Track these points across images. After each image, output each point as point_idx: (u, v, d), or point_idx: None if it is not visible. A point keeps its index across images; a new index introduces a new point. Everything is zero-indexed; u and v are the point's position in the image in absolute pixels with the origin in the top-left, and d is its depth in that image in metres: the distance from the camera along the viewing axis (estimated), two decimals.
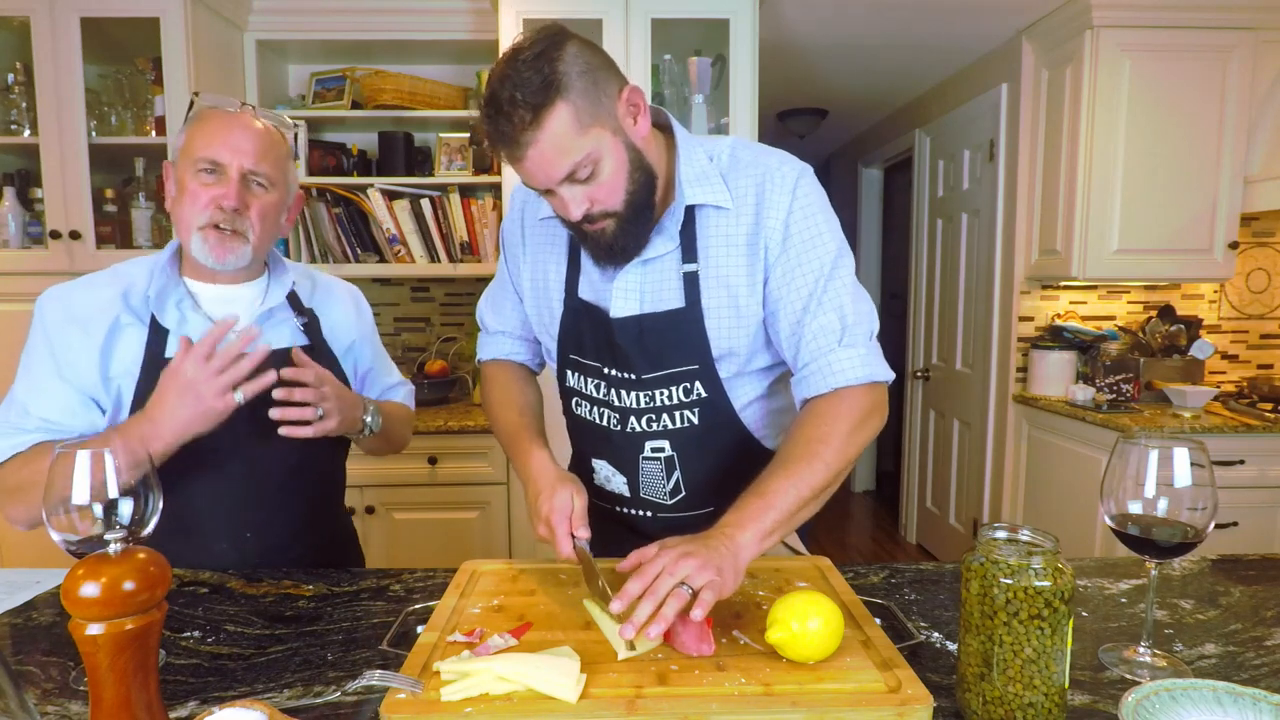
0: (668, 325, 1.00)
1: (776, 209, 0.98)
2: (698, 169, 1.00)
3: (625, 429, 1.05)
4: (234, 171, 1.07)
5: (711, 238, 1.00)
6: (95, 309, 1.07)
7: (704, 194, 0.98)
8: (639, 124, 0.93)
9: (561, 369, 1.11)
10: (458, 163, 2.65)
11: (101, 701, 0.58)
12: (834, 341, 0.97)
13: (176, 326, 1.09)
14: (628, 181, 0.92)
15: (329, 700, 0.74)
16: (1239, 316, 3.03)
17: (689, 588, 0.76)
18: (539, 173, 0.89)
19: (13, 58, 2.34)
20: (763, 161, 1.00)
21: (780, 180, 0.98)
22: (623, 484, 1.10)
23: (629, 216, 0.94)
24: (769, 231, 0.98)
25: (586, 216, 0.92)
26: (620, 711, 0.67)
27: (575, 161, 0.87)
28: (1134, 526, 0.79)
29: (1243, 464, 2.36)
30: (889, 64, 3.31)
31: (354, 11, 2.53)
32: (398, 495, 2.39)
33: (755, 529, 0.85)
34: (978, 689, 0.68)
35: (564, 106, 0.85)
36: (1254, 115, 2.59)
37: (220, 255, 1.08)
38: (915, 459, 3.95)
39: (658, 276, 1.01)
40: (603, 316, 1.02)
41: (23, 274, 2.27)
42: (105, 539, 0.60)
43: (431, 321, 2.96)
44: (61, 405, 1.05)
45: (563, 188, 0.90)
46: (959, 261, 3.44)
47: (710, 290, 1.00)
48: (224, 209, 1.06)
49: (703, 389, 1.02)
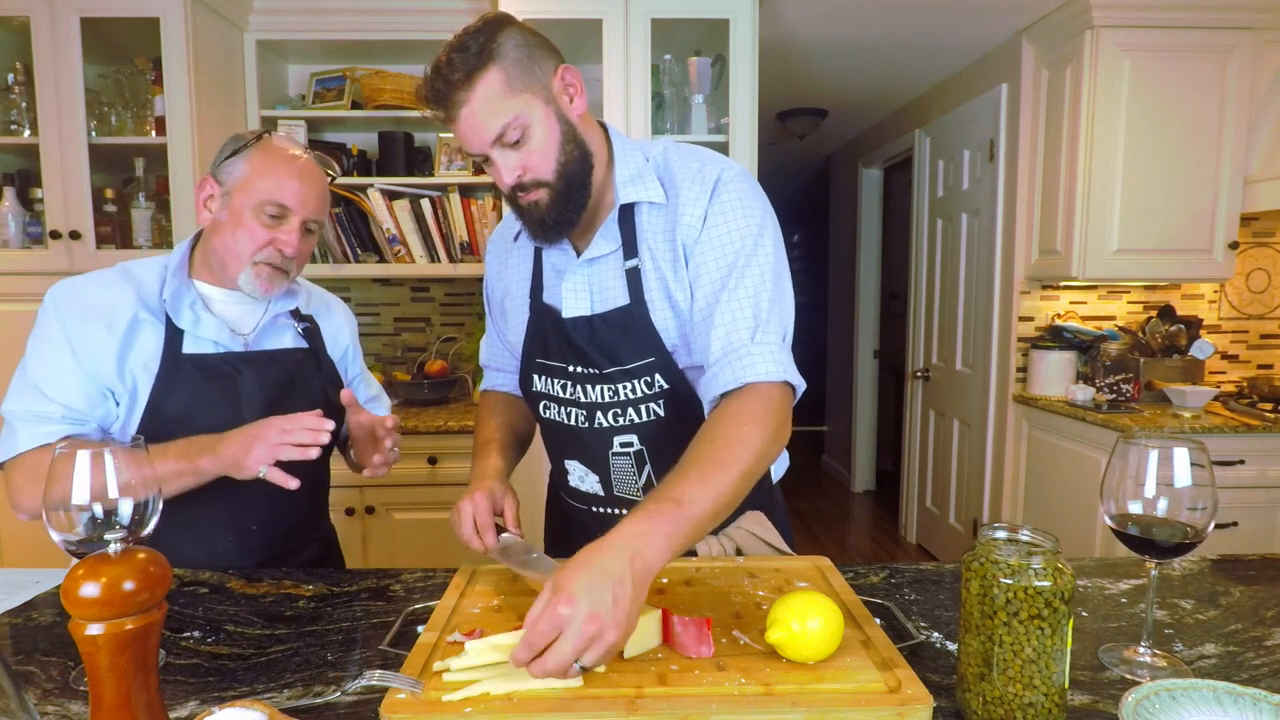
0: (618, 322, 1.02)
1: (695, 204, 0.99)
2: (633, 169, 1.03)
3: (593, 425, 1.07)
4: (297, 220, 1.12)
5: (648, 233, 1.02)
6: (114, 304, 1.09)
7: (638, 192, 1.02)
8: (575, 103, 0.97)
9: (526, 375, 1.13)
10: (458, 163, 2.65)
11: (101, 701, 0.58)
12: (746, 336, 0.93)
13: (191, 327, 1.12)
14: (559, 152, 0.95)
15: (329, 700, 0.74)
16: (1239, 316, 3.03)
17: (578, 665, 0.68)
18: (471, 133, 0.93)
19: (13, 58, 2.34)
20: (692, 163, 1.03)
21: (703, 176, 1.00)
22: (596, 483, 1.11)
23: (561, 189, 0.97)
24: (686, 227, 1.00)
25: (519, 184, 0.96)
26: (620, 711, 0.67)
27: (504, 123, 0.91)
28: (1134, 526, 0.79)
29: (1243, 464, 2.36)
30: (889, 64, 3.31)
31: (354, 11, 2.53)
32: (398, 495, 2.39)
33: (666, 544, 0.75)
34: (978, 689, 0.68)
35: (495, 70, 0.91)
36: (1254, 115, 2.59)
37: (268, 290, 1.14)
38: (915, 459, 3.95)
39: (603, 276, 1.04)
40: (557, 316, 1.06)
41: (23, 274, 2.27)
42: (105, 539, 0.60)
43: (431, 321, 2.96)
44: (84, 393, 1.07)
45: (495, 151, 0.94)
46: (959, 261, 3.44)
47: (651, 284, 1.02)
48: (284, 253, 1.12)
49: (664, 380, 1.03)
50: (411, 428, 2.33)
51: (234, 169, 1.11)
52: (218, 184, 1.12)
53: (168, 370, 1.09)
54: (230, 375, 1.13)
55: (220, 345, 1.14)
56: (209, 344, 1.13)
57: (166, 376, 1.09)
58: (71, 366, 1.06)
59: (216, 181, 1.12)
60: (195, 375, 1.11)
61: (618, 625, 0.69)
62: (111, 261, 1.18)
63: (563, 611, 0.68)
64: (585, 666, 0.69)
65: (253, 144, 1.12)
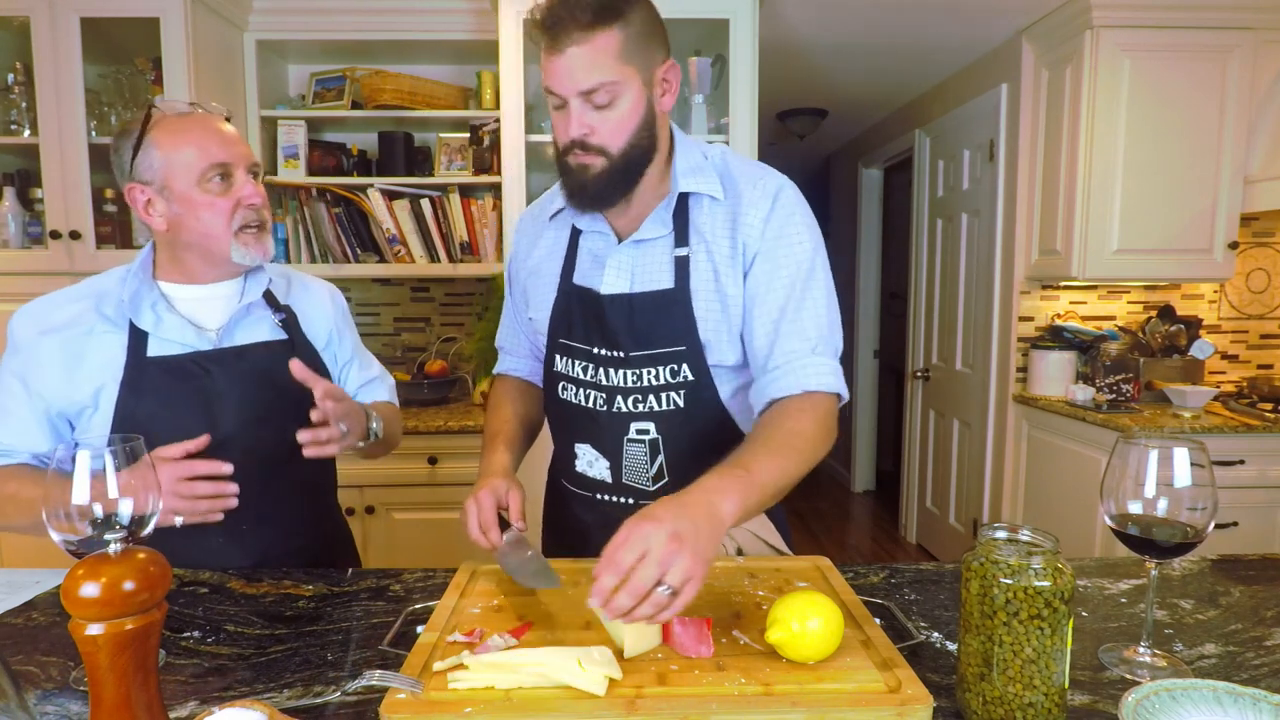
0: (657, 305, 1.04)
1: (757, 209, 1.03)
2: (693, 162, 1.06)
3: (611, 409, 1.07)
4: (243, 170, 1.08)
5: (704, 226, 1.04)
6: (67, 320, 1.08)
7: (698, 183, 1.05)
8: (665, 99, 1.00)
9: (550, 354, 1.14)
10: (458, 163, 2.65)
11: (101, 701, 0.58)
12: (807, 349, 1.00)
13: (153, 328, 1.09)
14: (633, 133, 0.97)
15: (329, 700, 0.74)
16: (1239, 316, 3.03)
17: (668, 587, 0.71)
18: (567, 74, 0.93)
19: (13, 58, 2.34)
20: (751, 168, 1.07)
21: (764, 185, 1.04)
22: (605, 469, 1.11)
23: (618, 166, 0.98)
24: (748, 229, 1.03)
25: (581, 142, 0.96)
26: (620, 711, 0.67)
27: (602, 81, 0.92)
28: (1134, 526, 0.79)
29: (1243, 464, 2.36)
30: (889, 64, 3.31)
31: (354, 11, 2.53)
32: (398, 495, 2.39)
33: (738, 502, 0.80)
34: (978, 689, 0.68)
35: (618, 31, 0.92)
36: (1254, 115, 2.59)
37: (263, 251, 1.11)
38: (915, 459, 3.95)
39: (649, 258, 1.05)
40: (592, 296, 1.07)
41: (23, 274, 2.28)
42: (105, 539, 0.60)
43: (431, 321, 2.96)
44: (17, 431, 1.07)
45: (576, 101, 0.94)
46: (959, 261, 3.44)
47: (699, 275, 1.04)
48: (255, 207, 1.09)
49: (689, 372, 1.04)
50: (411, 428, 2.33)
51: (149, 163, 1.06)
52: (145, 185, 1.07)
53: (132, 375, 1.07)
54: (198, 375, 1.10)
55: (187, 345, 1.11)
56: (175, 345, 1.10)
57: (132, 382, 1.07)
58: (19, 404, 1.06)
59: (142, 184, 1.07)
60: (162, 378, 1.08)
61: (698, 553, 0.72)
62: (112, 262, 1.18)
63: (647, 528, 0.72)
64: (674, 589, 0.71)
65: (146, 129, 1.06)
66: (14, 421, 1.07)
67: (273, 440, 1.13)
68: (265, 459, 1.13)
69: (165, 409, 1.08)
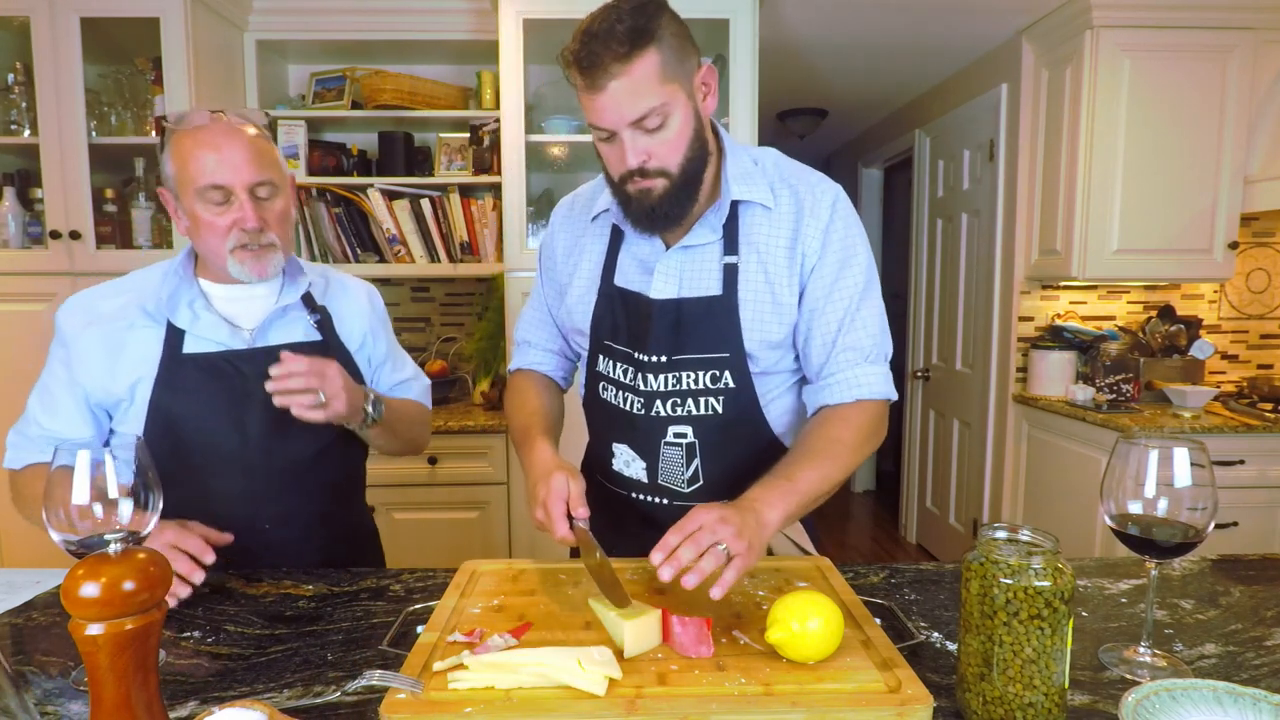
0: (704, 311, 1.04)
1: (816, 219, 1.03)
2: (743, 169, 1.05)
3: (650, 412, 1.07)
4: (241, 192, 1.07)
5: (755, 234, 1.04)
6: (111, 313, 1.11)
7: (749, 191, 1.04)
8: (707, 101, 1.00)
9: (593, 354, 1.14)
10: (458, 163, 2.65)
11: (101, 701, 0.58)
12: (861, 358, 1.04)
13: (190, 326, 1.11)
14: (688, 148, 0.97)
15: (329, 700, 0.74)
16: (1239, 316, 3.03)
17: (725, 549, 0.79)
18: (613, 109, 0.92)
19: (13, 58, 2.34)
20: (804, 175, 1.07)
21: (821, 194, 1.05)
22: (641, 469, 1.11)
23: (680, 182, 0.98)
24: (807, 239, 1.03)
25: (641, 170, 0.96)
26: (620, 711, 0.67)
27: (651, 107, 0.91)
28: (1134, 526, 0.79)
29: (1243, 464, 2.36)
30: (889, 64, 3.31)
31: (354, 11, 2.53)
32: (398, 495, 2.39)
33: (781, 510, 0.88)
34: (978, 689, 0.68)
35: (655, 53, 0.90)
36: (1254, 115, 2.59)
37: (259, 271, 1.11)
38: (915, 459, 3.95)
39: (698, 264, 1.05)
40: (640, 300, 1.06)
41: (23, 274, 2.27)
42: (105, 539, 0.60)
43: (431, 321, 2.96)
44: (65, 419, 1.10)
45: (628, 132, 0.93)
46: (959, 261, 3.44)
47: (748, 283, 1.03)
48: (247, 231, 1.08)
49: (730, 379, 1.04)
50: None
51: (167, 169, 1.08)
52: (170, 191, 1.10)
53: (168, 371, 1.09)
54: (230, 374, 1.12)
55: (221, 344, 1.12)
56: (210, 343, 1.12)
57: (167, 378, 1.09)
58: (65, 392, 1.10)
59: (169, 189, 1.10)
60: (195, 375, 1.10)
61: (748, 541, 0.81)
62: (111, 262, 1.19)
63: (703, 513, 0.81)
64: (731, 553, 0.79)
65: (169, 133, 1.07)
66: (62, 410, 1.10)
67: (299, 441, 1.14)
68: (291, 459, 1.15)
69: (196, 405, 1.09)
